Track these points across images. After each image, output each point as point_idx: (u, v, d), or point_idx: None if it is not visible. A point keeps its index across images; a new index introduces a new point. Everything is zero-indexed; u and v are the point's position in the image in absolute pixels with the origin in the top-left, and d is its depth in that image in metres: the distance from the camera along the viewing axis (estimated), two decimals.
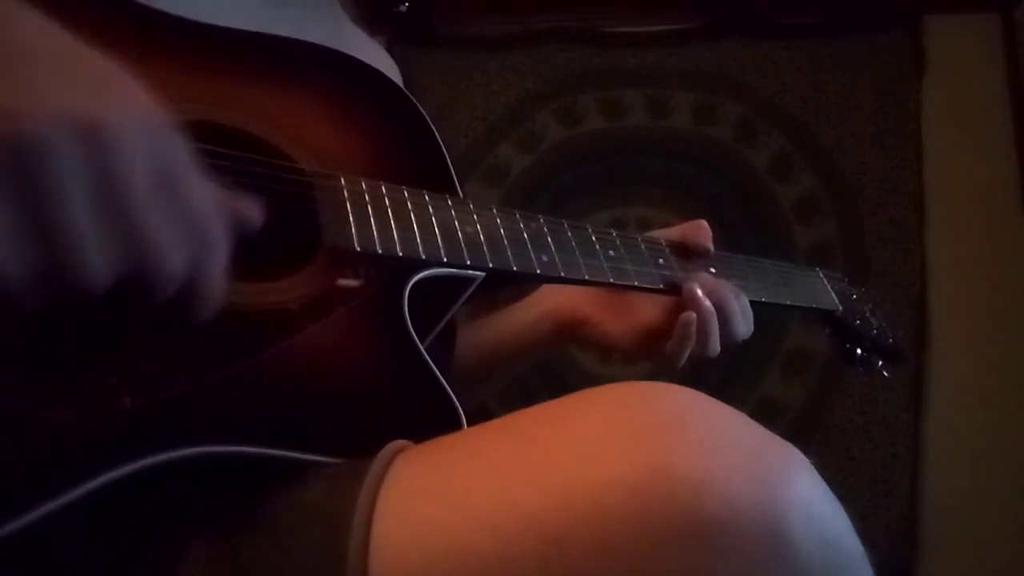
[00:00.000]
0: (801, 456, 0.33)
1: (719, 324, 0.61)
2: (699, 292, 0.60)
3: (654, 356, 0.64)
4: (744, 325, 0.63)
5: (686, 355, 0.62)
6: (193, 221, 0.33)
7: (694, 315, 0.60)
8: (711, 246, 0.66)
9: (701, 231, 0.66)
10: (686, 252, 0.65)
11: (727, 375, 1.78)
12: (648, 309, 0.64)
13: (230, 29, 0.49)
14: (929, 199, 1.84)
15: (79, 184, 0.30)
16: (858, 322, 0.75)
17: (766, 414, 1.74)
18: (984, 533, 1.68)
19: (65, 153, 0.29)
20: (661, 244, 0.63)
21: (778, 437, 0.34)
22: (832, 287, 0.75)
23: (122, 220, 0.31)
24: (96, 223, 0.30)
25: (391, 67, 0.72)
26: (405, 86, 0.63)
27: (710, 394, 0.35)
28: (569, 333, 0.68)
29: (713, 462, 0.31)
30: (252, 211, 0.38)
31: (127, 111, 0.31)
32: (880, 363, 0.76)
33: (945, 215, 1.83)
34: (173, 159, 0.33)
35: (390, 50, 0.75)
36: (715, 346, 0.61)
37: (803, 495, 0.31)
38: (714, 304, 0.60)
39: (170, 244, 0.32)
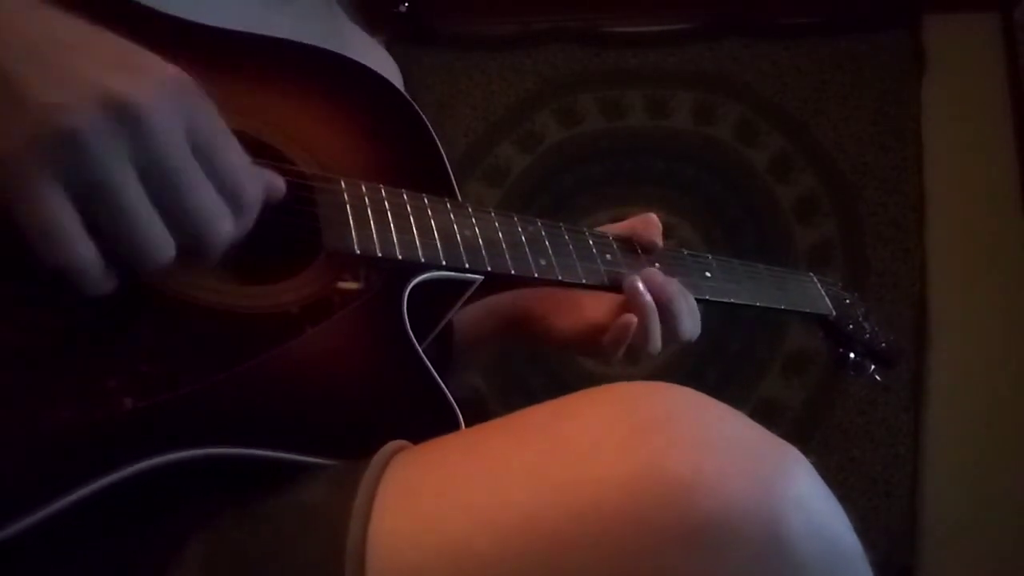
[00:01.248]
0: (799, 455, 0.33)
1: (661, 322, 0.59)
2: (640, 286, 0.58)
3: (595, 350, 0.62)
4: (691, 325, 0.61)
5: (621, 351, 0.60)
6: (234, 183, 0.35)
7: (632, 318, 0.58)
8: (659, 241, 0.64)
9: (651, 225, 0.64)
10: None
11: (727, 375, 1.78)
12: (594, 306, 0.62)
13: (228, 30, 0.49)
14: (929, 199, 1.84)
15: (127, 165, 0.31)
16: (851, 327, 0.75)
17: (766, 414, 1.74)
18: (984, 533, 1.68)
19: (106, 138, 0.30)
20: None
21: (776, 436, 0.34)
22: (826, 291, 0.75)
23: (174, 192, 0.33)
24: (152, 199, 0.32)
25: (391, 67, 0.72)
26: (405, 86, 0.63)
27: (710, 394, 0.35)
28: (515, 330, 0.67)
29: (709, 461, 0.31)
30: (276, 179, 0.40)
31: (156, 85, 0.32)
32: (872, 367, 0.77)
33: (945, 215, 1.83)
34: (207, 124, 0.35)
35: (390, 50, 0.75)
36: (656, 343, 0.59)
37: (801, 494, 0.31)
38: (657, 301, 0.58)
39: (219, 208, 0.34)
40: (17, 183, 0.30)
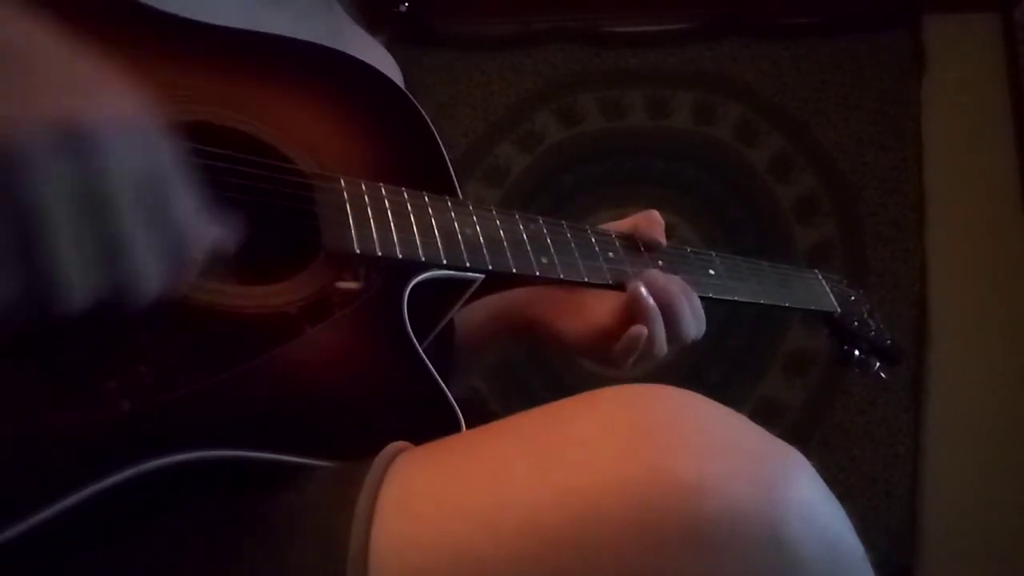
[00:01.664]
0: (800, 457, 0.33)
1: (665, 324, 0.58)
2: (643, 292, 0.57)
3: (604, 357, 0.61)
4: (694, 325, 0.60)
5: (632, 360, 0.59)
6: (174, 236, 0.32)
7: (643, 329, 0.56)
8: (662, 238, 0.63)
9: (653, 222, 0.63)
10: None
11: (728, 375, 1.78)
12: (598, 309, 0.61)
13: (228, 28, 0.49)
14: (929, 199, 1.84)
15: (62, 195, 0.28)
16: (856, 324, 0.75)
17: (766, 414, 1.74)
18: (984, 533, 1.68)
19: (48, 160, 0.28)
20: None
21: (777, 438, 0.34)
22: (831, 289, 0.75)
23: (105, 234, 0.30)
24: (80, 239, 0.29)
25: (392, 66, 0.72)
26: (405, 86, 0.63)
27: (710, 395, 0.35)
28: (520, 335, 0.66)
29: (710, 464, 0.31)
30: (230, 230, 0.36)
31: (118, 119, 0.30)
32: (877, 365, 0.76)
33: (945, 215, 1.83)
34: (159, 166, 0.32)
35: (390, 50, 0.74)
36: (661, 347, 0.58)
37: (802, 496, 0.31)
38: (660, 303, 0.57)
39: (150, 261, 0.31)
40: None
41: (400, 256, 0.46)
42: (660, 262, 0.61)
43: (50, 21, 0.31)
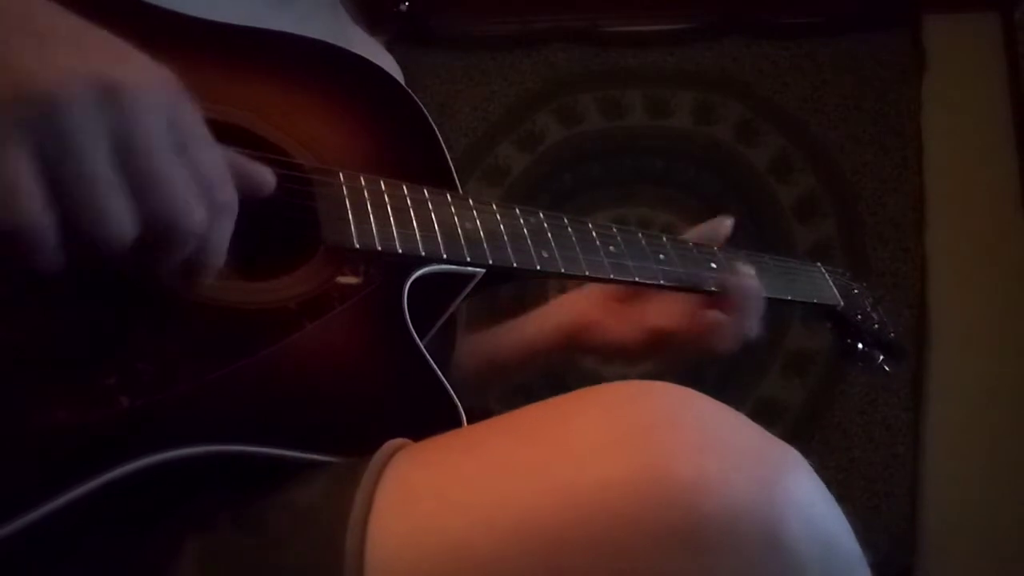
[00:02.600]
0: (799, 456, 0.33)
1: (745, 318, 0.62)
2: (749, 285, 0.62)
3: (662, 355, 0.64)
4: (759, 325, 0.64)
5: (698, 351, 0.62)
6: (207, 180, 0.35)
7: (722, 315, 0.60)
8: (721, 243, 0.67)
9: (719, 227, 0.68)
10: (687, 246, 0.65)
11: (727, 375, 1.78)
12: (655, 310, 0.64)
13: (227, 24, 0.49)
14: (929, 199, 1.84)
15: (100, 140, 0.31)
16: (859, 317, 0.75)
17: (766, 414, 1.74)
18: (984, 533, 1.68)
19: (86, 110, 0.31)
20: (661, 239, 0.63)
21: (776, 437, 0.34)
22: (833, 282, 0.75)
23: (143, 175, 0.32)
24: (118, 177, 0.32)
25: (393, 67, 0.72)
26: (405, 85, 0.63)
27: (710, 394, 0.35)
28: (579, 343, 0.68)
29: (709, 462, 0.30)
30: (263, 175, 0.39)
31: (144, 74, 0.33)
32: (881, 358, 0.76)
33: (945, 215, 1.83)
34: (186, 121, 0.34)
35: (390, 50, 0.75)
36: (735, 343, 0.63)
37: (801, 495, 0.31)
38: (751, 296, 0.62)
39: (189, 200, 0.34)
40: None
41: (400, 251, 0.45)
42: (662, 256, 0.61)
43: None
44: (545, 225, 0.55)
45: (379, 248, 0.45)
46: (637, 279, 0.58)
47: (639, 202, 1.92)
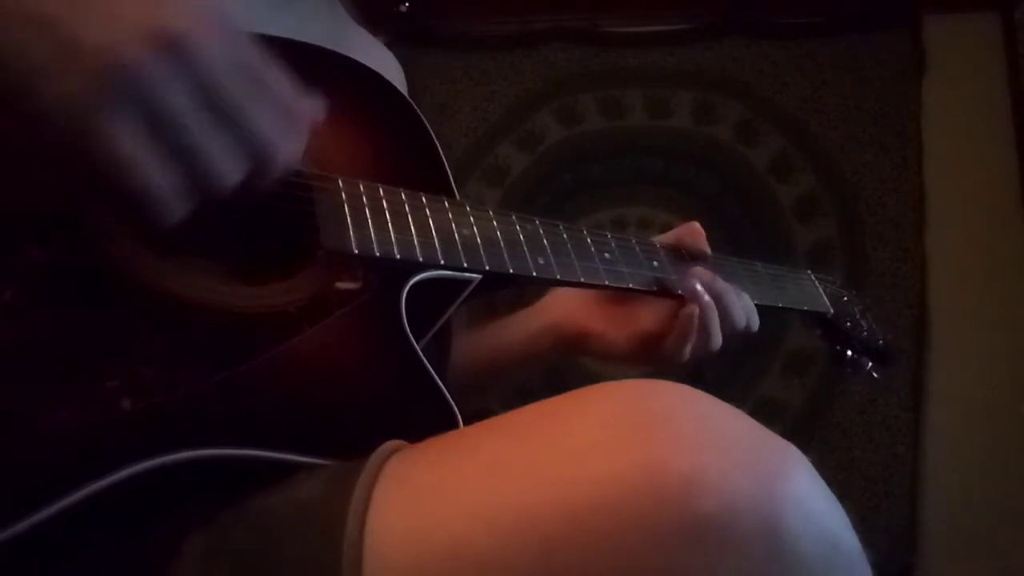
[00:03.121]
0: (798, 453, 0.33)
1: (719, 317, 0.62)
2: (698, 287, 0.61)
3: (656, 359, 0.65)
4: (743, 316, 0.64)
5: (687, 350, 0.62)
6: (287, 106, 0.37)
7: (695, 308, 0.60)
8: (707, 248, 0.67)
9: (696, 234, 0.67)
10: (681, 255, 0.65)
11: (727, 375, 1.78)
12: (647, 316, 0.64)
13: None
14: (929, 199, 1.84)
15: (185, 92, 0.33)
16: (848, 324, 0.75)
17: (766, 414, 1.74)
18: (984, 533, 1.68)
19: (160, 69, 0.32)
20: (656, 247, 0.64)
21: (775, 435, 0.34)
22: (824, 289, 0.75)
23: (235, 118, 0.34)
24: (217, 129, 0.34)
25: (395, 68, 0.72)
26: (407, 86, 0.63)
27: (711, 393, 0.35)
28: (572, 346, 0.69)
29: (708, 459, 0.31)
30: (316, 102, 0.40)
31: (199, 18, 0.34)
32: (870, 365, 0.77)
33: (945, 215, 1.83)
34: (250, 53, 0.36)
35: (390, 49, 0.75)
36: (717, 339, 0.62)
37: (801, 492, 0.31)
38: (712, 297, 0.61)
39: (278, 126, 0.36)
40: (88, 123, 0.31)
41: (398, 256, 0.46)
42: (655, 263, 0.62)
43: None
44: (541, 232, 0.55)
45: (377, 254, 0.45)
46: (631, 285, 0.58)
47: (639, 202, 1.92)
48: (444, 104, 1.97)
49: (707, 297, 0.61)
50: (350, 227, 0.45)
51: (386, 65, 0.68)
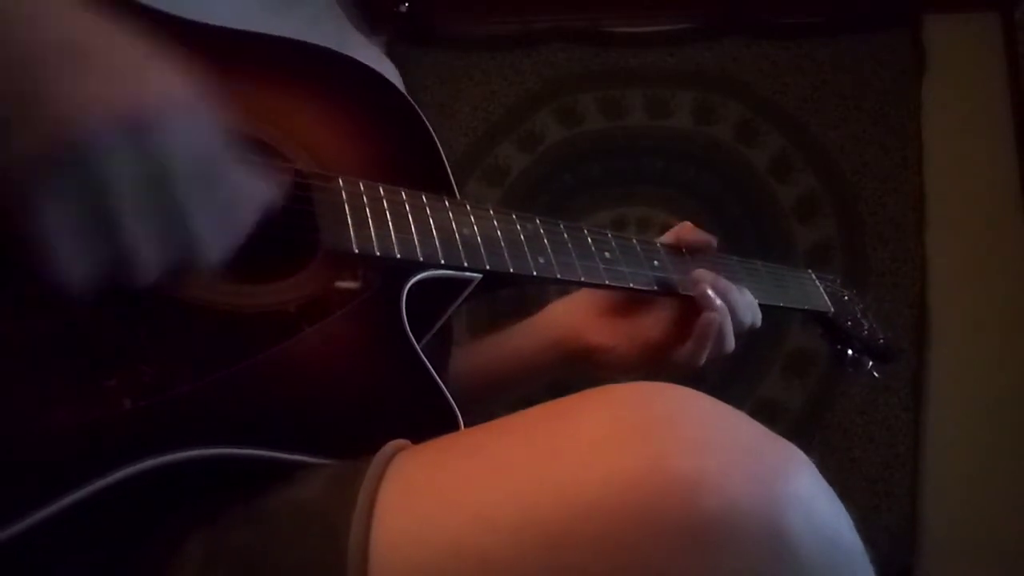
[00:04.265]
0: (800, 454, 0.33)
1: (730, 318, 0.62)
2: (710, 291, 0.60)
3: (665, 368, 0.64)
4: (749, 314, 0.64)
5: (703, 357, 0.62)
6: (231, 208, 0.36)
7: (714, 316, 0.60)
8: (708, 237, 0.66)
9: (690, 231, 0.67)
10: (681, 253, 0.65)
11: (727, 376, 1.78)
12: (652, 325, 0.64)
13: (227, 28, 0.49)
14: (929, 199, 1.84)
15: (128, 185, 0.31)
16: (849, 323, 0.75)
17: (766, 415, 1.74)
18: (984, 533, 1.68)
19: (113, 155, 0.31)
20: (656, 246, 0.64)
21: (777, 435, 0.34)
22: (824, 288, 0.75)
23: (170, 206, 0.33)
24: (148, 212, 0.32)
25: (393, 74, 0.72)
26: (405, 87, 0.63)
27: (711, 394, 0.35)
28: (578, 362, 0.68)
29: (710, 460, 0.31)
30: (274, 188, 0.39)
31: (168, 100, 0.32)
32: (870, 364, 0.77)
33: (945, 215, 1.83)
34: (212, 141, 0.35)
35: (390, 50, 0.75)
36: (731, 343, 0.62)
37: (803, 492, 0.31)
38: (719, 297, 0.61)
39: (214, 226, 0.34)
40: (22, 186, 0.30)
41: (398, 256, 0.46)
42: (656, 262, 0.61)
43: (102, 13, 0.33)
44: (541, 231, 0.55)
45: (378, 253, 0.45)
46: (631, 285, 0.58)
47: (639, 202, 1.91)
48: (444, 104, 1.97)
49: (719, 301, 0.60)
50: (350, 226, 0.45)
51: (385, 72, 0.68)
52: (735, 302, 0.62)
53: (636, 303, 0.65)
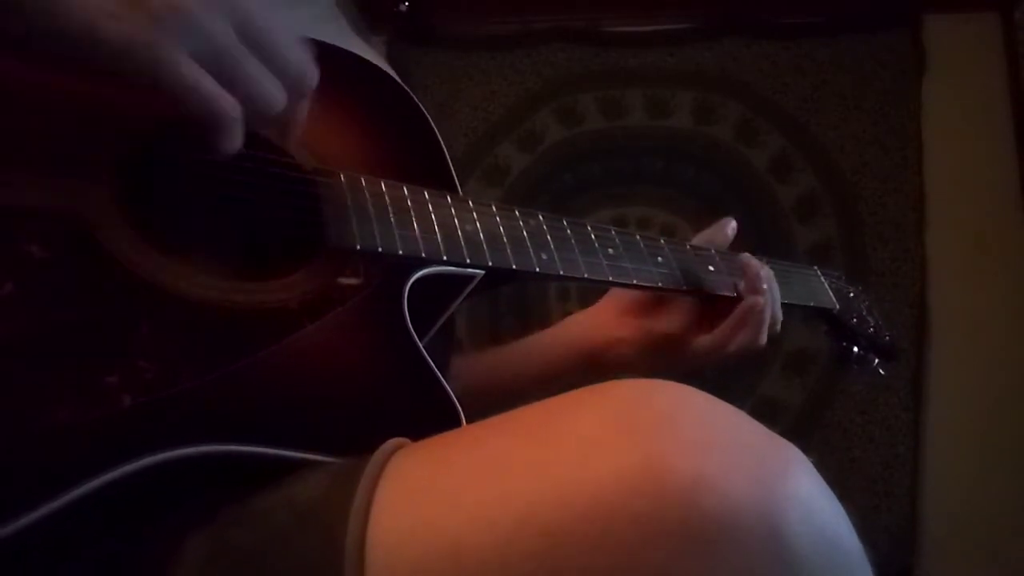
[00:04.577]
0: (800, 454, 0.33)
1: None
2: (762, 272, 0.61)
3: (687, 360, 0.65)
4: (779, 314, 0.65)
5: (736, 342, 0.62)
6: (299, 45, 0.41)
7: (759, 299, 0.60)
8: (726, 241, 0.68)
9: (725, 229, 0.69)
10: (686, 249, 0.65)
11: (727, 375, 1.78)
12: (668, 319, 0.65)
13: None
14: (929, 199, 1.84)
15: (228, 34, 0.37)
16: (855, 320, 0.75)
17: (766, 414, 1.74)
18: (984, 533, 1.68)
19: (208, 14, 0.36)
20: (660, 243, 0.63)
21: (777, 435, 0.34)
22: (829, 285, 0.75)
23: (270, 50, 0.39)
24: (257, 59, 0.38)
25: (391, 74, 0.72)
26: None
27: (711, 393, 0.35)
28: (595, 361, 0.68)
29: (709, 460, 0.30)
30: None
31: None
32: (876, 361, 0.76)
33: (945, 215, 1.83)
34: (265, 14, 0.39)
35: (390, 50, 0.75)
36: (764, 335, 0.62)
37: (802, 492, 0.31)
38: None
39: (302, 61, 0.41)
40: (154, 56, 0.35)
41: (401, 252, 0.46)
42: (660, 259, 0.61)
43: None
44: (544, 227, 0.55)
45: (380, 249, 0.45)
46: (635, 281, 0.58)
47: (639, 202, 1.92)
48: (444, 104, 1.97)
49: (766, 285, 0.61)
50: (353, 222, 0.45)
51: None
52: (776, 294, 0.62)
53: (656, 304, 0.66)
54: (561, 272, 0.54)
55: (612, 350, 0.67)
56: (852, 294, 0.78)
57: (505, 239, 0.51)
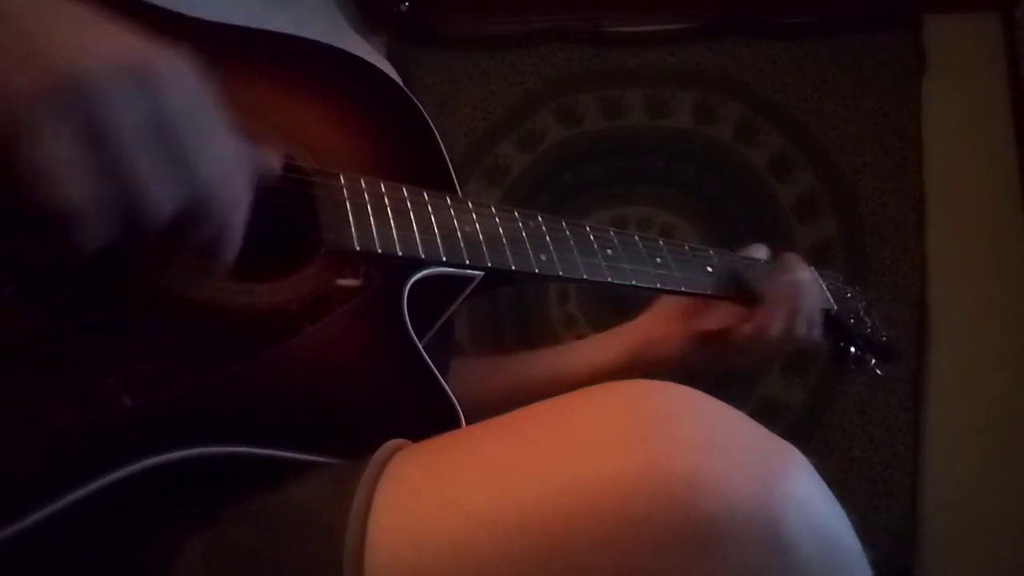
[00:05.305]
0: (799, 455, 0.33)
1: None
2: (797, 258, 0.64)
3: (727, 355, 0.66)
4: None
5: (780, 326, 0.63)
6: (232, 161, 0.35)
7: (796, 276, 0.63)
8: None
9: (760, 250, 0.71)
10: (684, 251, 0.65)
11: (727, 375, 1.78)
12: (711, 318, 0.66)
13: (226, 24, 0.49)
14: (929, 199, 1.84)
15: (137, 122, 0.31)
16: (852, 320, 0.75)
17: (766, 414, 1.74)
18: (984, 533, 1.68)
19: (124, 94, 0.30)
20: (660, 244, 0.63)
21: (776, 436, 0.34)
22: (827, 285, 0.75)
23: (177, 154, 0.32)
24: (159, 155, 0.31)
25: (391, 73, 0.72)
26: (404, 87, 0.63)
27: (710, 393, 0.35)
28: (639, 358, 0.69)
29: (710, 461, 0.31)
30: (270, 157, 0.39)
31: (167, 60, 0.32)
32: (873, 362, 0.76)
33: (945, 215, 1.83)
34: (207, 102, 0.34)
35: (390, 50, 0.75)
36: (801, 327, 0.64)
37: (801, 493, 0.31)
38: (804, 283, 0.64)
39: (224, 174, 0.34)
40: (22, 120, 0.29)
41: (400, 253, 0.46)
42: (658, 260, 0.61)
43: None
44: (543, 228, 0.55)
45: (379, 250, 0.45)
46: (633, 283, 0.58)
47: (639, 202, 1.91)
48: (444, 104, 1.97)
49: (806, 273, 0.63)
50: (352, 223, 0.45)
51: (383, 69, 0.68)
52: (809, 280, 0.65)
53: (702, 306, 0.68)
54: (560, 273, 0.54)
55: (653, 347, 0.68)
56: (849, 294, 0.78)
57: (504, 240, 0.51)
